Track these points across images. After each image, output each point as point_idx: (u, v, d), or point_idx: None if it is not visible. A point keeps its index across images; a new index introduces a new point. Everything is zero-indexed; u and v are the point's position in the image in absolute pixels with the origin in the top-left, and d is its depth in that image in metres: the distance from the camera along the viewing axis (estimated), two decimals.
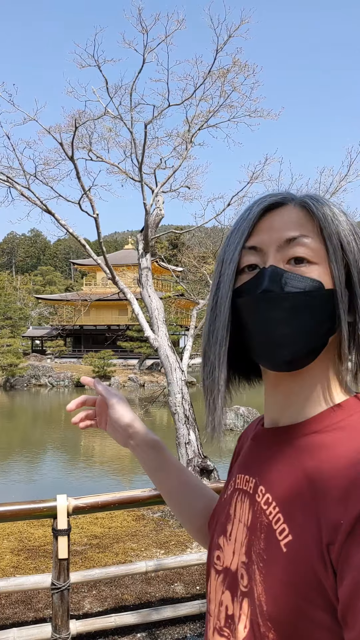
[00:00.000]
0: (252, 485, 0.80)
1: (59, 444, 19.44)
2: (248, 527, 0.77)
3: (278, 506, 0.71)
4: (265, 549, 0.70)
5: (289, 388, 0.78)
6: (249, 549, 0.74)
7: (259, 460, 0.82)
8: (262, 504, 0.75)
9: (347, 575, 0.59)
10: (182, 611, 4.01)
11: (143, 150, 7.97)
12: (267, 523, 0.72)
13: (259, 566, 0.70)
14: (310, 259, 0.74)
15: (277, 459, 0.76)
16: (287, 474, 0.73)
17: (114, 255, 50.81)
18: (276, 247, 0.75)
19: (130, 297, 8.25)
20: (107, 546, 5.81)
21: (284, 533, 0.68)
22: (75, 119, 7.90)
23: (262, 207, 0.78)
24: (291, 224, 0.76)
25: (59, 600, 3.48)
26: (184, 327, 39.96)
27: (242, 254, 0.77)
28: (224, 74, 8.69)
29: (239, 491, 0.84)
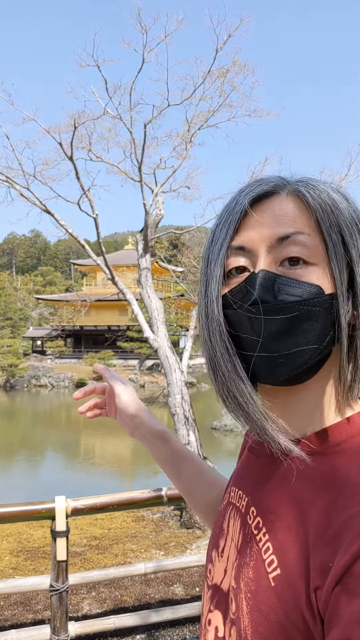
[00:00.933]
0: (245, 504, 0.74)
1: (59, 445, 19.42)
2: (238, 549, 0.71)
3: (268, 534, 0.65)
4: (254, 578, 0.64)
5: (287, 402, 0.69)
6: (239, 575, 0.68)
7: (252, 475, 0.75)
8: (252, 527, 0.69)
9: (335, 627, 0.53)
10: (182, 613, 3.99)
11: (143, 150, 7.96)
12: (256, 550, 0.66)
13: (247, 596, 0.64)
14: (307, 259, 0.64)
15: (270, 480, 0.70)
16: (279, 500, 0.66)
17: (113, 256, 50.80)
18: (267, 246, 0.65)
19: (130, 297, 8.24)
20: (107, 547, 5.79)
21: (273, 565, 0.62)
22: (74, 118, 7.90)
23: (249, 198, 0.67)
24: (284, 219, 0.65)
25: (57, 602, 3.46)
26: (184, 328, 39.93)
27: (229, 254, 0.67)
28: (224, 74, 8.69)
29: (232, 506, 0.78)
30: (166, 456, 1.04)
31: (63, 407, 31.96)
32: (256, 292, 0.63)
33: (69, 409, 30.87)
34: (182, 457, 1.05)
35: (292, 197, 0.66)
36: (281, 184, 0.68)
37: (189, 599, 4.39)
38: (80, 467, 15.33)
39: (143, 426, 1.03)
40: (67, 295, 51.61)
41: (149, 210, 8.16)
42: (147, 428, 1.03)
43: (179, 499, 3.87)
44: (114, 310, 49.63)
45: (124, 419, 1.04)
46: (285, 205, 0.66)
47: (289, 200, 0.66)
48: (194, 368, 52.69)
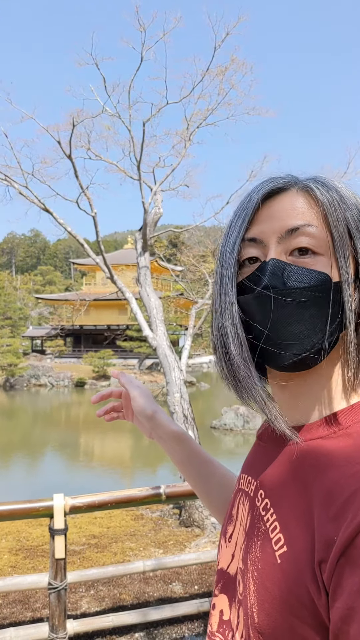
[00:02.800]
0: (253, 488, 0.76)
1: (59, 444, 19.42)
2: (246, 531, 0.74)
3: (275, 513, 0.68)
4: (261, 557, 0.67)
5: (296, 388, 0.72)
6: (246, 556, 0.71)
7: (261, 461, 0.78)
8: (260, 509, 0.71)
9: (339, 598, 0.55)
10: (180, 611, 3.99)
11: (141, 148, 7.95)
12: (264, 530, 0.68)
13: (254, 575, 0.67)
14: (315, 250, 0.68)
15: (278, 463, 0.72)
16: (286, 481, 0.69)
17: (113, 255, 50.81)
18: (277, 237, 0.69)
19: (129, 296, 8.23)
20: (106, 546, 5.79)
21: (280, 543, 0.64)
22: (73, 117, 7.88)
23: (262, 193, 0.71)
24: (293, 212, 0.69)
25: (56, 600, 3.46)
26: (183, 327, 39.94)
27: (242, 246, 0.72)
28: (222, 72, 8.68)
29: (242, 492, 0.81)
30: (183, 457, 1.06)
31: (63, 406, 31.96)
32: (266, 278, 0.67)
33: (69, 409, 30.87)
34: (198, 458, 1.07)
35: (302, 193, 0.71)
36: (292, 181, 0.72)
37: (188, 597, 4.39)
38: (79, 467, 15.33)
39: (160, 428, 1.05)
40: (66, 295, 51.62)
41: (148, 208, 8.15)
42: (163, 430, 1.05)
43: (177, 497, 3.86)
44: (114, 310, 49.63)
45: (141, 422, 1.07)
46: (296, 200, 0.70)
47: (299, 195, 0.71)
48: (193, 367, 52.72)
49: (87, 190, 7.84)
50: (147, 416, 1.04)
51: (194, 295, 11.87)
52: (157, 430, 1.05)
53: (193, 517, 6.47)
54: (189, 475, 1.07)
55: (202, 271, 11.80)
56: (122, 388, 1.11)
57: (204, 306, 9.88)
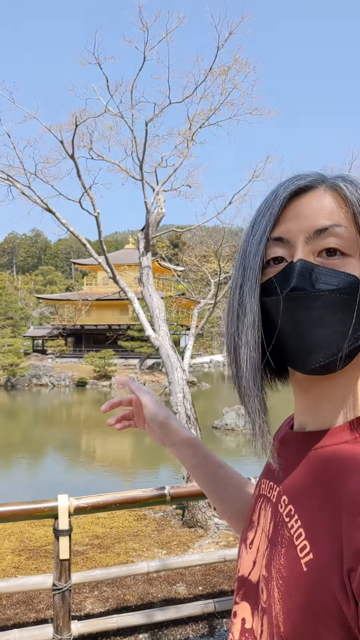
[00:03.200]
0: (276, 494, 0.74)
1: (61, 444, 19.41)
2: (269, 538, 0.72)
3: (300, 520, 0.65)
4: (285, 565, 0.65)
5: (321, 391, 0.71)
6: (270, 563, 0.69)
7: (283, 466, 0.75)
8: (284, 515, 0.69)
9: None
10: (185, 612, 3.97)
11: (144, 148, 7.94)
12: (288, 537, 0.66)
13: (278, 583, 0.65)
14: (344, 251, 0.66)
15: (302, 468, 0.70)
16: (311, 487, 0.67)
17: (115, 255, 50.78)
18: (305, 238, 0.67)
19: (131, 296, 8.22)
20: (109, 546, 5.77)
21: (305, 550, 0.62)
22: (75, 117, 7.87)
23: (289, 191, 0.69)
24: (322, 212, 0.67)
25: (60, 601, 3.45)
26: (185, 327, 39.94)
27: (267, 245, 0.69)
28: (225, 72, 8.67)
29: (263, 498, 0.79)
30: (196, 463, 1.04)
31: (64, 406, 31.96)
32: (294, 280, 0.65)
33: (70, 408, 30.86)
34: (211, 464, 1.05)
35: (330, 192, 0.69)
36: (319, 179, 0.70)
37: (192, 598, 4.38)
38: (82, 467, 15.32)
39: (172, 434, 1.04)
40: (67, 295, 51.66)
41: (150, 208, 8.14)
42: (175, 436, 1.04)
43: (182, 497, 3.85)
44: (115, 310, 49.65)
45: (152, 428, 1.05)
46: (324, 199, 0.68)
47: (327, 194, 0.68)
48: (194, 367, 52.73)
49: (89, 190, 7.83)
50: (159, 423, 1.03)
51: (196, 295, 11.85)
52: (169, 436, 1.03)
53: (196, 518, 6.46)
54: (202, 481, 1.06)
55: (204, 271, 11.77)
56: (132, 395, 1.09)
57: (206, 306, 9.86)
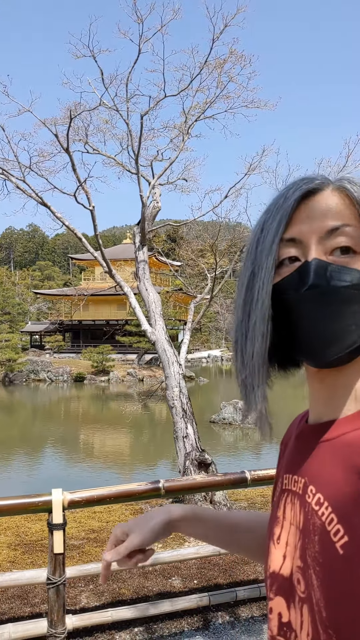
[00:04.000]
0: (301, 486, 0.75)
1: (58, 439, 19.43)
2: (300, 529, 0.73)
3: (330, 506, 0.67)
4: (320, 551, 0.66)
5: (335, 381, 0.75)
6: (304, 553, 0.70)
7: (306, 458, 0.77)
8: (313, 504, 0.71)
9: None
10: (180, 605, 3.98)
11: (139, 141, 7.89)
12: (320, 524, 0.68)
13: (315, 570, 0.66)
14: (354, 249, 0.70)
15: (325, 456, 0.72)
16: (337, 472, 0.68)
17: (112, 250, 50.71)
18: (318, 238, 0.71)
19: (127, 290, 8.20)
20: (105, 540, 5.77)
21: (339, 534, 0.64)
22: (70, 110, 7.82)
23: (299, 194, 0.73)
24: (331, 212, 0.71)
25: (54, 595, 3.45)
26: (182, 322, 39.91)
27: (280, 246, 0.73)
28: (221, 65, 8.61)
29: (288, 492, 0.80)
30: (203, 532, 1.04)
31: (62, 401, 31.97)
32: (311, 278, 0.69)
33: (68, 403, 30.88)
34: (217, 523, 1.04)
35: (338, 192, 0.73)
36: (326, 181, 0.74)
37: (187, 591, 4.38)
38: (79, 461, 15.34)
39: (176, 526, 1.02)
40: (65, 290, 51.60)
41: (146, 202, 8.10)
42: (181, 524, 1.02)
43: (176, 491, 3.85)
44: (113, 305, 49.62)
45: (158, 536, 1.00)
46: (332, 200, 0.72)
47: (335, 195, 0.72)
48: (192, 362, 52.75)
49: (84, 184, 7.79)
50: (159, 535, 1.00)
51: (193, 290, 11.84)
52: (176, 528, 1.02)
53: None
54: (214, 541, 1.07)
55: (201, 266, 11.75)
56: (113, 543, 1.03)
57: (202, 301, 9.85)
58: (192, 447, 6.95)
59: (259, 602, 4.28)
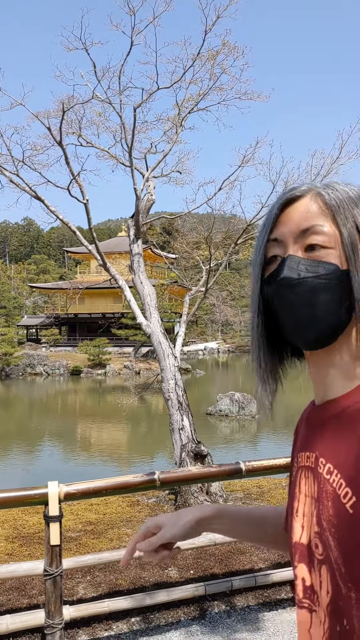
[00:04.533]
0: (313, 460, 0.84)
1: (56, 432, 19.46)
2: (315, 498, 0.81)
3: (340, 473, 0.75)
4: (334, 514, 0.74)
5: (329, 362, 0.84)
6: (320, 519, 0.78)
7: (316, 435, 0.86)
8: (324, 474, 0.79)
9: None
10: (176, 595, 4.02)
11: (133, 134, 7.87)
12: (332, 490, 0.76)
13: (331, 532, 0.74)
14: (324, 245, 0.80)
15: (332, 430, 0.81)
16: (343, 443, 0.77)
17: (107, 243, 50.59)
18: (294, 237, 0.82)
19: (122, 283, 8.20)
20: (102, 532, 5.81)
21: (348, 496, 0.72)
22: (63, 103, 7.79)
23: (280, 202, 0.85)
24: (306, 215, 0.82)
25: (51, 586, 3.48)
26: (178, 314, 39.93)
27: (268, 246, 0.86)
28: (214, 56, 8.57)
29: (302, 468, 0.88)
30: (229, 528, 1.11)
31: (59, 394, 32.00)
32: (284, 272, 0.80)
33: (65, 397, 30.91)
34: (238, 522, 1.11)
35: (315, 198, 0.83)
36: (308, 190, 0.85)
37: (184, 581, 4.42)
38: (77, 455, 15.38)
39: (202, 524, 1.06)
40: (60, 283, 51.51)
41: (140, 195, 8.09)
42: (202, 528, 1.07)
43: (171, 482, 3.88)
44: (109, 298, 49.58)
45: (189, 534, 1.06)
46: (309, 205, 0.83)
47: (312, 200, 0.83)
48: (189, 355, 52.81)
49: (78, 177, 7.77)
50: (190, 533, 1.05)
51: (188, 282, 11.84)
52: (202, 526, 1.07)
53: (189, 503, 6.51)
54: (239, 536, 1.15)
55: (196, 258, 11.74)
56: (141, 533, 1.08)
57: (197, 293, 9.86)
58: (188, 439, 6.99)
59: (255, 592, 4.32)
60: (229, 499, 6.96)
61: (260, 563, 4.77)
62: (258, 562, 4.79)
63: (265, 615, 4.14)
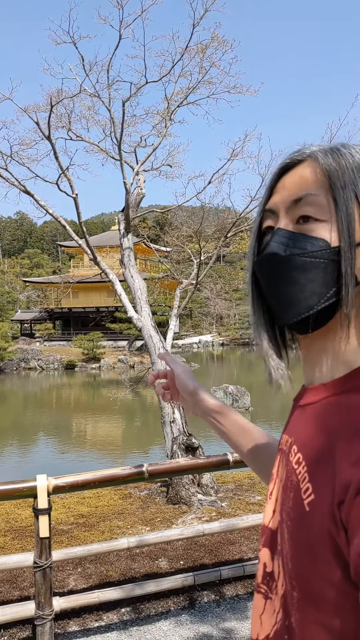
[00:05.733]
0: (289, 445, 0.79)
1: (50, 426, 19.49)
2: (282, 485, 0.77)
3: (306, 465, 0.71)
4: (292, 507, 0.71)
5: (319, 347, 0.77)
6: (282, 508, 0.75)
7: (295, 421, 0.81)
8: (293, 463, 0.75)
9: (357, 535, 0.58)
10: (166, 585, 4.07)
11: (122, 128, 7.88)
12: (295, 482, 0.72)
13: (287, 525, 0.71)
14: (316, 217, 0.72)
15: (308, 417, 0.76)
16: (314, 434, 0.72)
17: (100, 237, 50.47)
18: (285, 208, 0.75)
19: (113, 277, 8.22)
20: (94, 525, 5.86)
21: (308, 492, 0.68)
22: (51, 97, 7.78)
23: (277, 168, 0.78)
24: (300, 183, 0.74)
25: (41, 578, 3.52)
26: (171, 308, 39.97)
27: (264, 217, 0.79)
28: (203, 50, 8.57)
29: (281, 451, 0.84)
30: (226, 430, 1.11)
31: (53, 389, 32.00)
32: (270, 247, 0.74)
33: (60, 391, 30.91)
34: (241, 428, 1.11)
35: (312, 164, 0.74)
36: (309, 154, 0.76)
37: (173, 572, 4.47)
38: (71, 449, 15.42)
39: (202, 402, 1.11)
40: (54, 278, 51.33)
41: (130, 189, 8.10)
42: (206, 404, 1.11)
43: (160, 474, 3.92)
44: (102, 292, 49.49)
45: (184, 398, 1.15)
46: (305, 171, 0.74)
47: (309, 166, 0.74)
48: (183, 348, 52.82)
49: (67, 172, 7.77)
50: (189, 392, 1.12)
51: (179, 275, 11.86)
52: (199, 405, 1.12)
53: (180, 495, 6.56)
54: (234, 445, 1.12)
55: (188, 251, 11.76)
56: (167, 369, 1.18)
57: (188, 286, 9.88)
58: (179, 431, 7.03)
59: (244, 581, 4.38)
60: (220, 491, 7.02)
61: (250, 553, 4.83)
62: (247, 552, 4.84)
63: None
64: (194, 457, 6.51)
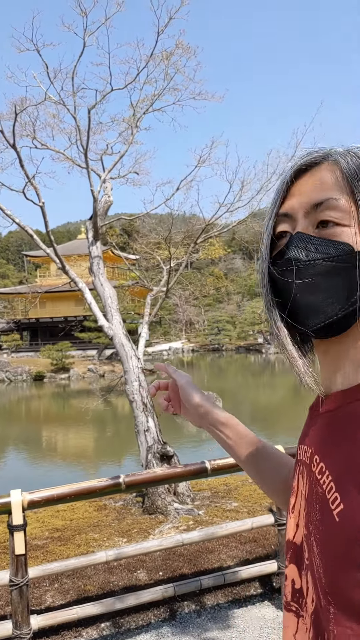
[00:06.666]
0: (309, 455, 0.77)
1: (20, 440, 19.16)
2: (306, 498, 0.75)
3: (331, 475, 0.68)
4: (321, 519, 0.68)
5: (337, 352, 0.75)
6: (308, 521, 0.73)
7: (313, 430, 0.79)
8: (316, 473, 0.72)
9: None
10: (145, 598, 4.00)
11: (87, 136, 7.81)
12: (321, 493, 0.70)
13: (316, 538, 0.69)
14: (339, 222, 0.70)
15: (329, 426, 0.74)
16: (339, 442, 0.70)
17: (67, 246, 50.10)
18: (304, 212, 0.73)
19: (82, 286, 8.12)
20: (69, 538, 5.75)
21: (336, 502, 0.65)
22: (15, 105, 7.67)
23: (293, 170, 0.76)
24: (320, 186, 0.72)
25: (18, 597, 3.42)
26: (141, 315, 39.84)
27: (277, 221, 0.77)
28: (168, 57, 8.58)
29: (300, 462, 0.82)
30: (232, 443, 1.07)
31: (22, 401, 31.52)
32: (290, 251, 0.72)
33: (29, 403, 30.45)
34: (248, 441, 1.07)
35: (331, 166, 0.73)
36: (325, 155, 0.74)
37: (153, 583, 4.40)
38: (43, 461, 15.18)
39: (209, 415, 1.08)
40: (20, 288, 50.67)
41: (97, 197, 8.04)
42: (213, 417, 1.07)
43: (137, 485, 3.86)
44: (70, 301, 49.06)
45: (188, 410, 1.10)
46: (324, 174, 0.73)
47: (328, 169, 0.73)
48: (153, 355, 52.70)
49: (33, 180, 7.66)
50: (195, 405, 1.08)
51: (149, 282, 11.83)
52: (206, 417, 1.08)
53: (156, 504, 6.49)
54: (238, 458, 1.08)
55: (157, 258, 11.73)
56: (168, 380, 1.14)
57: (158, 293, 9.85)
58: (153, 440, 6.97)
59: (224, 589, 4.34)
60: (197, 499, 6.98)
61: (229, 561, 4.79)
62: (226, 560, 4.81)
63: (235, 612, 4.16)
64: (170, 466, 6.46)
